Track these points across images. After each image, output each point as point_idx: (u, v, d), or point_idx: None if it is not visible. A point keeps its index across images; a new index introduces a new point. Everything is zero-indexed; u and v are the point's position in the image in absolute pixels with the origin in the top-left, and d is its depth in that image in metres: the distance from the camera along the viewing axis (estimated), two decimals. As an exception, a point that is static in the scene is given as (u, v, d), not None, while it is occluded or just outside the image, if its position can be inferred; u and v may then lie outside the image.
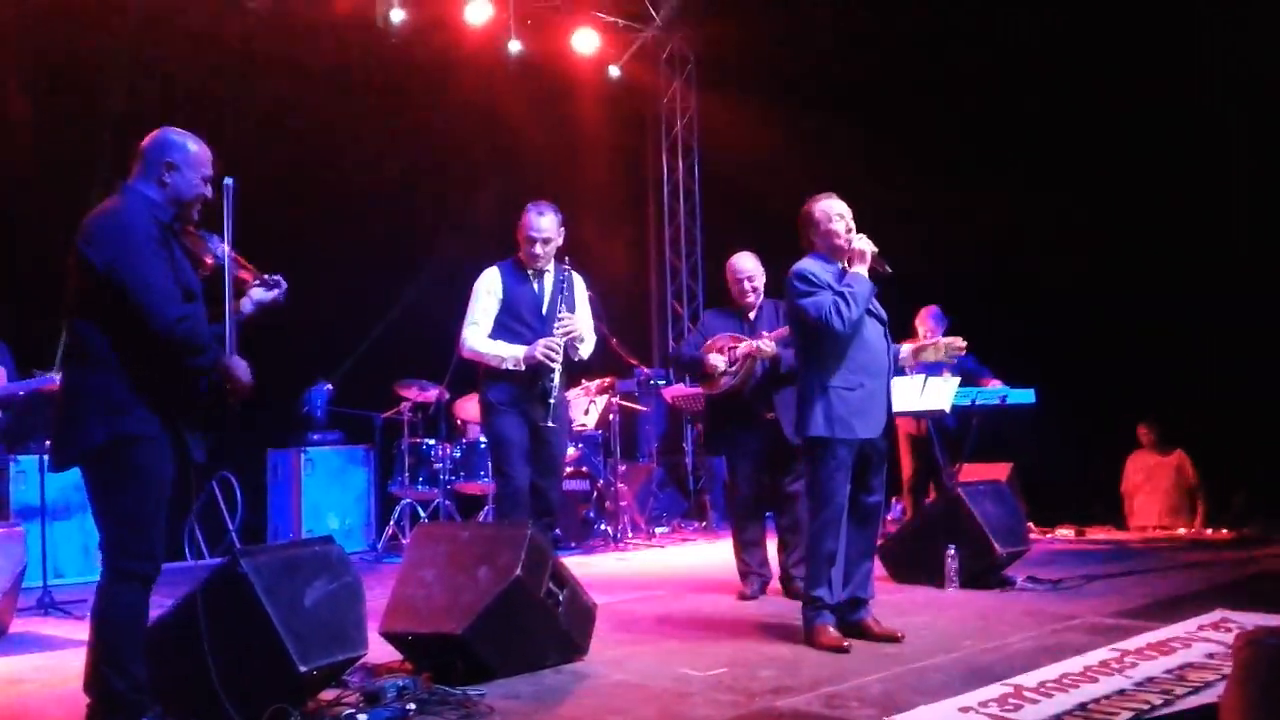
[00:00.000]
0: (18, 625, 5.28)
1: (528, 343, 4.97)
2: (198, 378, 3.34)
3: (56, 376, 4.71)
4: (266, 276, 3.61)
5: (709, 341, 5.76)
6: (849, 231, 4.57)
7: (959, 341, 4.92)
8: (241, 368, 3.38)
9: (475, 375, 5.25)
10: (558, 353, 4.97)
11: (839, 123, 8.80)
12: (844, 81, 8.98)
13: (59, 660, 4.57)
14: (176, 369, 3.27)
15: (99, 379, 3.20)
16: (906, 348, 4.92)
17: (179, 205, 3.37)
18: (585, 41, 9.92)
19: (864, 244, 4.50)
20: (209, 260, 3.42)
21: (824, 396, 4.44)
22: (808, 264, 4.56)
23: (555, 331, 4.99)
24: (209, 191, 3.41)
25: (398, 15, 8.73)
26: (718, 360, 5.65)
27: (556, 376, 4.96)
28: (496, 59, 9.38)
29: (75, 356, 3.27)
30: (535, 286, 5.12)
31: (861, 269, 4.47)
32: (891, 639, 4.46)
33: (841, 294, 4.40)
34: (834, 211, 4.59)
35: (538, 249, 5.05)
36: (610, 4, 10.13)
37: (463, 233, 7.97)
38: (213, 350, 3.30)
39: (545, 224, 5.04)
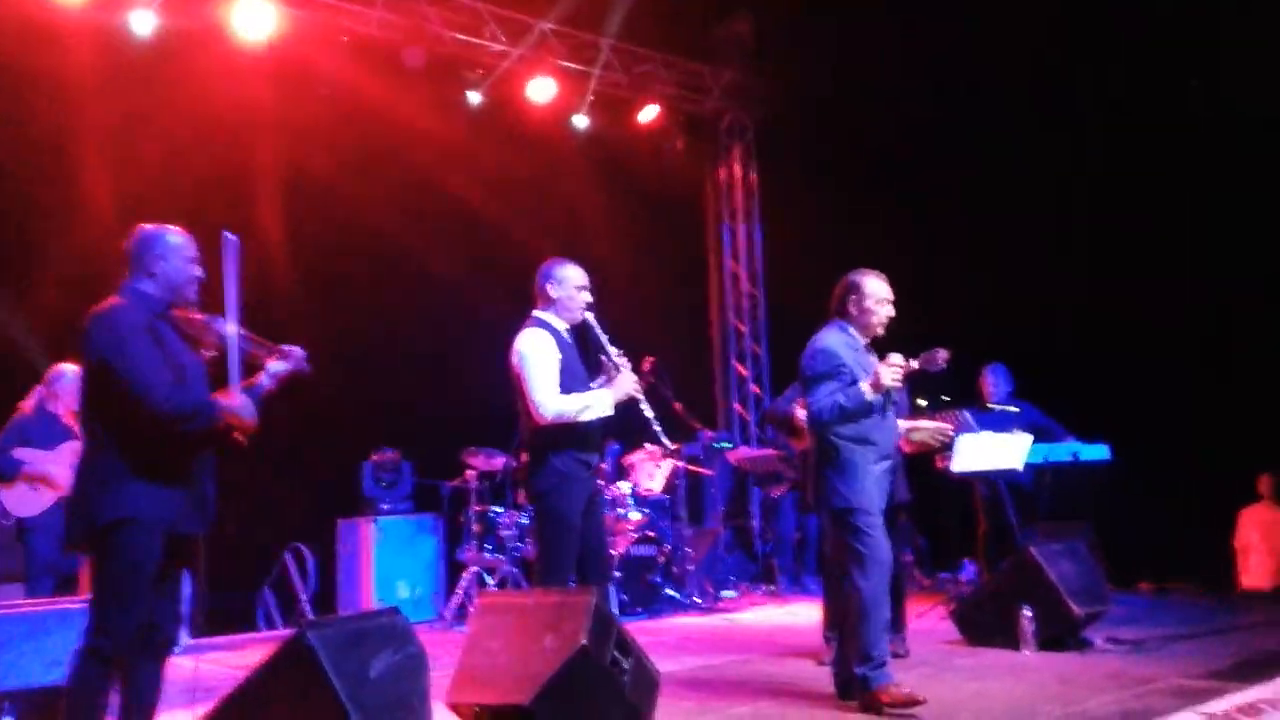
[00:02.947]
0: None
1: None
2: (201, 441, 3.55)
3: None
4: (282, 348, 3.81)
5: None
6: (888, 318, 4.65)
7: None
8: (241, 406, 3.56)
9: (534, 444, 4.78)
10: (638, 382, 4.73)
11: (895, 189, 8.85)
12: (899, 153, 9.02)
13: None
14: (177, 439, 3.48)
15: (103, 462, 3.45)
16: (903, 424, 4.94)
17: (174, 291, 3.63)
18: (646, 114, 10.17)
19: (890, 378, 4.40)
20: (211, 340, 3.65)
21: (843, 470, 4.51)
22: (832, 338, 4.62)
23: (620, 364, 4.69)
24: (199, 271, 3.68)
25: (475, 97, 9.13)
26: (802, 413, 5.60)
27: (646, 407, 4.78)
28: (561, 134, 9.63)
29: (86, 442, 3.57)
30: (570, 341, 4.80)
31: (867, 389, 4.42)
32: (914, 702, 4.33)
33: (840, 403, 4.43)
34: (881, 294, 4.67)
35: (587, 297, 4.78)
36: (671, 80, 10.33)
37: (524, 298, 8.08)
38: (204, 412, 3.48)
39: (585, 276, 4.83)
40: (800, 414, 5.66)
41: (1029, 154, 8.52)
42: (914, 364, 4.55)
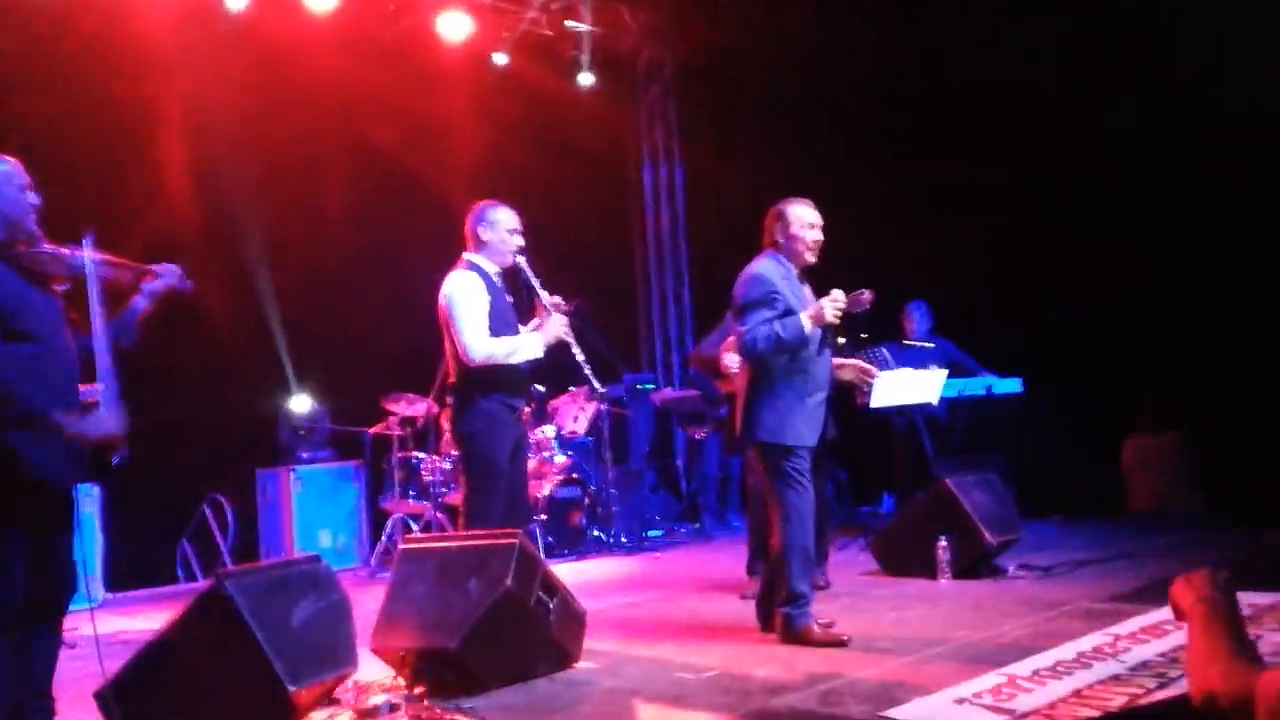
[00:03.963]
0: None
1: None
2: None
3: None
4: (153, 267, 3.60)
5: (730, 339, 5.75)
6: (816, 243, 4.58)
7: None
8: (96, 426, 3.22)
9: (462, 386, 4.77)
10: (567, 326, 4.72)
11: (821, 127, 8.82)
12: (827, 89, 8.98)
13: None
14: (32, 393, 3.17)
15: None
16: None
17: (10, 226, 3.33)
18: (558, 53, 9.93)
19: (832, 312, 4.38)
20: (61, 272, 3.39)
21: (774, 403, 4.47)
22: (766, 266, 4.55)
23: (551, 307, 4.72)
24: (35, 198, 3.39)
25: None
26: (733, 360, 5.64)
27: (577, 350, 4.78)
28: (479, 73, 9.40)
29: None
30: (501, 285, 4.79)
31: (806, 321, 4.38)
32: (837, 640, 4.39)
33: (777, 331, 4.35)
34: (807, 220, 4.60)
35: (519, 241, 4.75)
36: (589, 18, 10.12)
37: (441, 243, 7.95)
38: (23, 401, 3.13)
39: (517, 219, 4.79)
40: (727, 359, 5.68)
41: (948, 87, 8.56)
42: (833, 312, 4.49)
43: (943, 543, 5.70)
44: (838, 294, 4.42)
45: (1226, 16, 7.11)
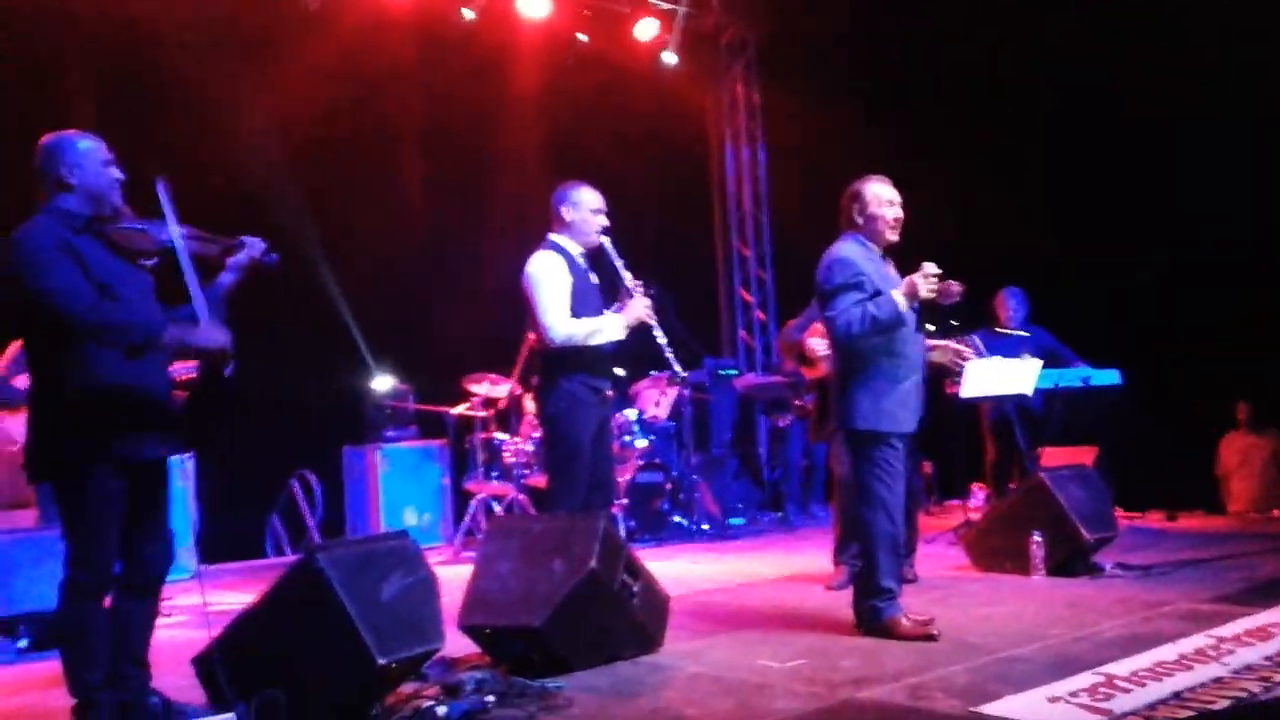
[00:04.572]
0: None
1: None
2: (152, 359, 3.38)
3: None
4: (240, 239, 3.62)
5: (815, 324, 5.66)
6: (896, 220, 4.43)
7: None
8: (206, 334, 3.34)
9: (546, 367, 4.77)
10: (650, 308, 4.69)
11: (908, 106, 8.63)
12: (912, 67, 8.80)
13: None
14: (124, 362, 3.29)
15: (52, 397, 3.30)
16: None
17: (95, 201, 3.39)
18: (644, 29, 9.82)
19: (926, 288, 4.24)
20: (148, 247, 3.44)
21: (868, 388, 4.34)
22: (849, 249, 4.40)
23: (635, 291, 4.69)
24: (118, 173, 3.44)
25: (468, 13, 8.78)
26: (818, 345, 5.54)
27: (659, 333, 4.74)
28: (556, 51, 9.36)
29: (32, 377, 3.39)
30: (585, 266, 4.76)
31: (899, 298, 4.24)
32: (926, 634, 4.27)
33: (870, 313, 4.21)
34: (885, 197, 4.44)
35: (603, 221, 4.73)
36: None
37: (524, 224, 7.98)
38: (141, 326, 3.27)
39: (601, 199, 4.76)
40: (811, 343, 5.59)
41: (1046, 69, 8.32)
42: (925, 287, 4.32)
43: (1036, 538, 5.54)
44: (929, 266, 4.24)
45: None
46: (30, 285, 3.20)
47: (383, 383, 8.28)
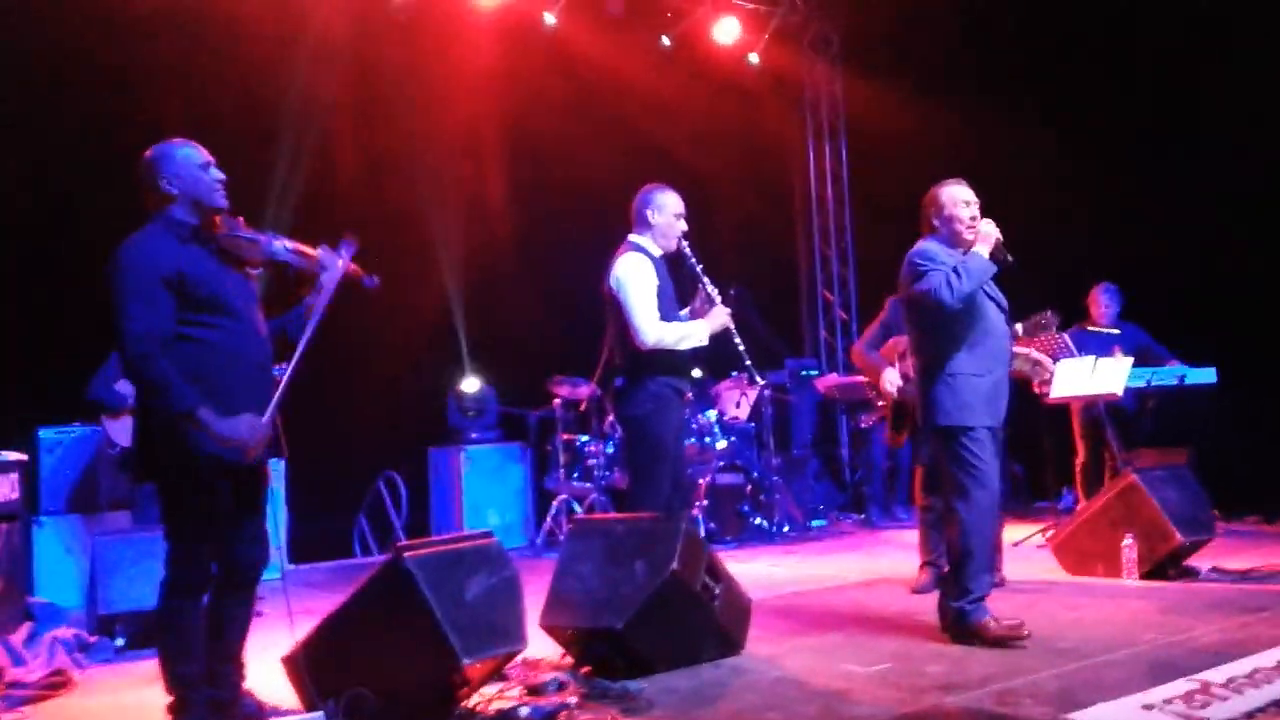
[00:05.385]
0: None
1: None
2: (255, 361, 3.43)
3: None
4: (321, 254, 3.62)
5: (892, 341, 5.65)
6: (974, 220, 4.43)
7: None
8: (233, 427, 3.26)
9: (631, 369, 4.73)
10: (730, 314, 4.71)
11: (994, 103, 8.46)
12: (1000, 64, 8.61)
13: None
14: (232, 367, 3.36)
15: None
16: None
17: (199, 208, 3.43)
18: (726, 30, 9.79)
19: (989, 228, 4.38)
20: (257, 258, 3.50)
21: (951, 383, 4.32)
22: (929, 245, 4.44)
23: (713, 294, 4.72)
24: (220, 174, 3.48)
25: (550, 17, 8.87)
26: (892, 379, 5.55)
27: (738, 339, 4.76)
28: (640, 49, 9.38)
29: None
30: (665, 270, 4.79)
31: (983, 249, 4.33)
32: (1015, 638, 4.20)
33: (955, 269, 4.26)
34: (961, 198, 4.47)
35: (683, 225, 4.75)
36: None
37: (608, 227, 8.00)
38: (175, 396, 3.21)
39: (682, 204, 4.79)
40: (888, 380, 5.64)
41: (1134, 58, 8.09)
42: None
43: (1128, 541, 5.40)
44: (986, 223, 4.40)
45: None
46: (111, 304, 3.25)
47: (470, 384, 8.40)
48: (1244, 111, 7.66)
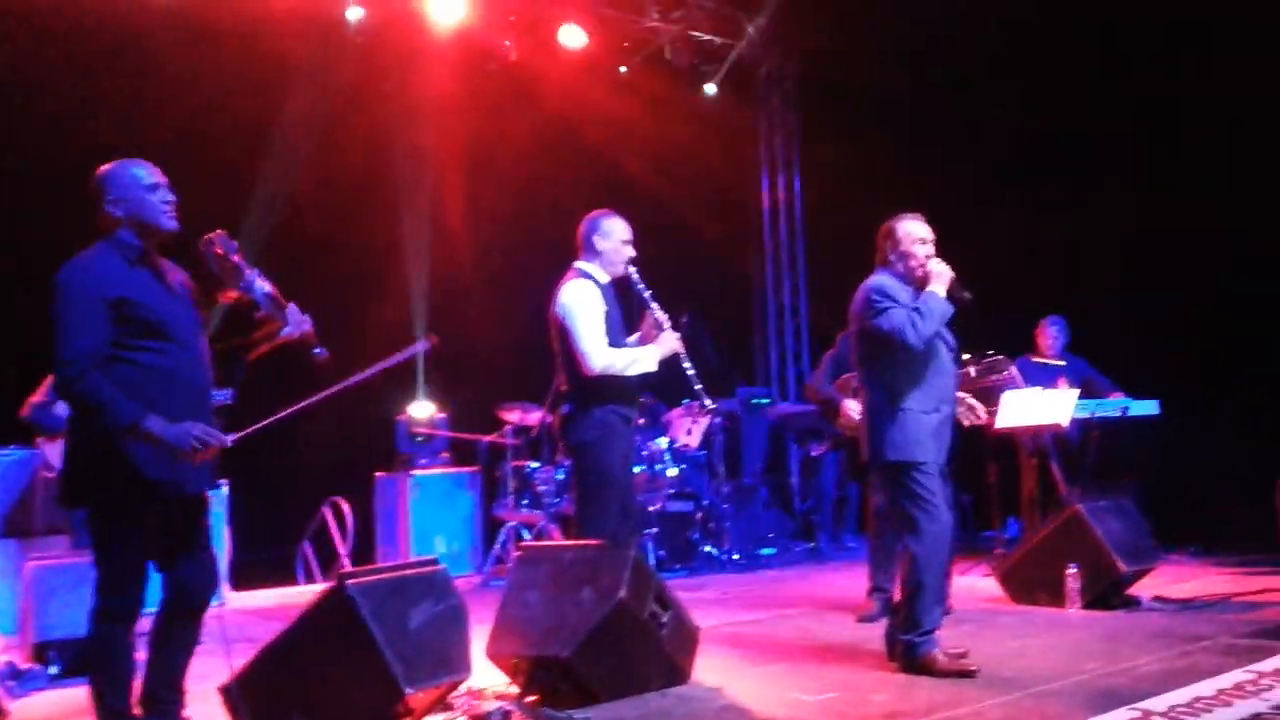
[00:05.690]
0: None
1: None
2: (193, 388, 3.39)
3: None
4: (290, 309, 3.62)
5: (845, 377, 5.68)
6: (928, 257, 4.47)
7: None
8: (183, 430, 3.22)
9: (577, 395, 4.71)
10: (679, 339, 4.68)
11: (946, 137, 8.60)
12: (952, 99, 8.77)
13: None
14: (167, 394, 3.29)
15: (92, 427, 3.28)
16: None
17: (146, 231, 3.38)
18: (678, 57, 9.88)
19: (939, 267, 4.41)
20: (233, 283, 3.48)
21: (901, 419, 4.34)
22: (884, 280, 4.46)
23: (661, 320, 4.68)
24: (170, 195, 3.43)
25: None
26: (854, 409, 5.54)
27: (688, 364, 4.73)
28: (589, 78, 9.44)
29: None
30: (613, 296, 4.76)
31: (938, 289, 4.36)
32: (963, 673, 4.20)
33: (917, 309, 4.30)
34: (917, 235, 4.49)
35: (631, 251, 4.72)
36: (706, 23, 10.08)
37: (563, 253, 8.00)
38: (116, 411, 3.16)
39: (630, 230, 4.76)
40: (849, 409, 5.63)
41: (1078, 99, 8.27)
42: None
43: (1072, 570, 5.46)
44: (935, 262, 4.43)
45: None
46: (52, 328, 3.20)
47: (419, 409, 8.32)
48: (1184, 148, 7.86)
